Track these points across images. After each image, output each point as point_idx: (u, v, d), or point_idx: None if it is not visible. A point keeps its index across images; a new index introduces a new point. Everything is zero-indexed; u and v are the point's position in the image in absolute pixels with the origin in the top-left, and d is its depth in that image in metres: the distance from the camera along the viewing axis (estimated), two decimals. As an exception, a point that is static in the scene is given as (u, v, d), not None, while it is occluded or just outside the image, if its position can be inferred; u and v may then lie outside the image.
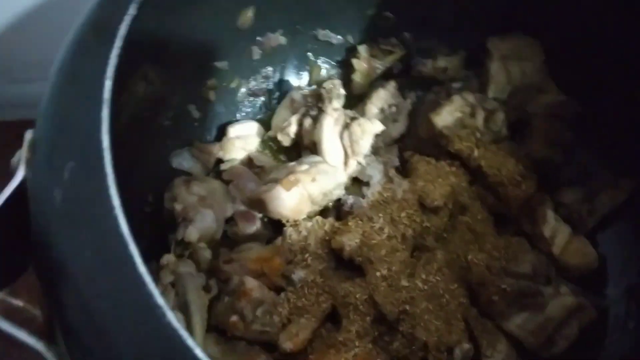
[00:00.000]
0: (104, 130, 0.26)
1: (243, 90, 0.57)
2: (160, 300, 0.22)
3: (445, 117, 0.50)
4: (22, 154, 0.29)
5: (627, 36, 0.48)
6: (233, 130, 0.54)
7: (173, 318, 0.22)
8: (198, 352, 0.21)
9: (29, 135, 0.30)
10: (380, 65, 0.58)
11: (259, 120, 0.57)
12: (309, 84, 0.59)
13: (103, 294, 0.23)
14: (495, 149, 0.49)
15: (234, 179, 0.52)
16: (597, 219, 0.51)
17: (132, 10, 0.29)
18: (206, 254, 0.48)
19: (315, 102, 0.53)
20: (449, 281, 0.46)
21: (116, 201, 0.24)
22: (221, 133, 0.55)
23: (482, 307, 0.47)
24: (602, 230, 0.51)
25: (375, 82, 0.58)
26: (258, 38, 0.54)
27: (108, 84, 0.27)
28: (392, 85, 0.55)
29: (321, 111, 0.52)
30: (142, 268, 0.23)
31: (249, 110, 0.58)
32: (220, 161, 0.54)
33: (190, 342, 0.21)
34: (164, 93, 0.47)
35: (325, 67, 0.59)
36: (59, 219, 0.25)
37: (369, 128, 0.50)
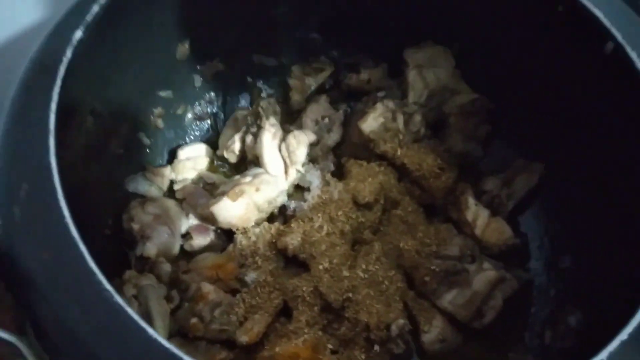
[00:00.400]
0: (51, 154, 0.31)
1: (189, 115, 0.61)
2: (108, 285, 0.27)
3: (371, 123, 0.56)
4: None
5: (526, 37, 0.55)
6: (183, 153, 0.59)
7: (120, 299, 0.27)
8: (141, 323, 0.26)
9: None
10: (313, 82, 0.63)
11: (206, 142, 0.62)
12: (251, 104, 0.64)
13: (60, 288, 0.27)
14: (416, 147, 0.55)
15: (187, 197, 0.57)
16: (516, 202, 0.57)
17: (68, 54, 0.34)
18: (166, 267, 0.52)
19: (255, 119, 0.58)
20: (387, 269, 0.52)
21: (65, 211, 0.29)
22: (172, 156, 0.60)
23: (418, 289, 0.52)
24: (521, 212, 0.57)
25: (310, 97, 0.64)
26: (198, 67, 0.59)
27: (52, 117, 0.32)
28: (323, 99, 0.61)
29: (260, 127, 0.57)
30: (91, 263, 0.27)
31: (197, 133, 0.63)
32: (173, 182, 0.59)
33: (134, 315, 0.26)
34: (113, 123, 0.52)
35: (264, 88, 0.65)
36: (19, 232, 0.29)
37: (303, 139, 0.56)
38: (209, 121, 0.63)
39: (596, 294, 0.49)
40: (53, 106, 0.32)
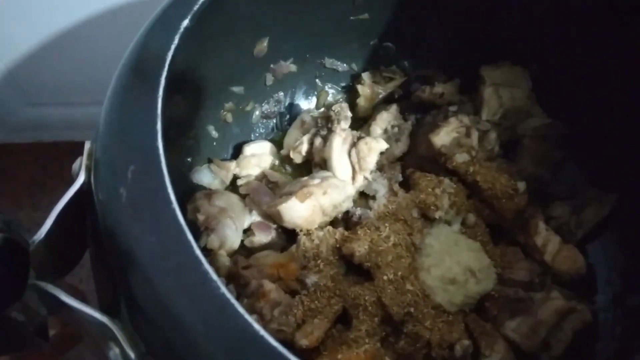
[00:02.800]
0: (159, 139, 0.31)
1: (257, 113, 0.62)
2: (214, 276, 0.26)
3: (443, 136, 0.55)
4: (83, 161, 0.34)
5: (605, 64, 0.54)
6: (249, 149, 0.59)
7: (226, 290, 0.26)
8: (247, 317, 0.25)
9: (87, 145, 0.34)
10: (382, 91, 0.63)
11: (270, 140, 0.62)
12: (317, 107, 0.64)
13: (165, 272, 0.27)
14: (490, 166, 0.54)
15: (251, 193, 0.57)
16: (585, 231, 0.55)
17: (176, 41, 0.34)
18: (225, 260, 0.52)
19: (325, 123, 0.58)
20: (449, 286, 0.51)
21: (172, 196, 0.29)
22: (237, 151, 0.60)
23: (479, 312, 0.51)
24: (590, 241, 0.56)
25: (378, 105, 0.63)
26: (271, 65, 0.59)
27: (160, 102, 0.32)
28: (394, 108, 0.61)
29: (331, 131, 0.57)
30: (197, 251, 0.27)
31: (262, 131, 0.63)
32: (236, 177, 0.59)
33: (240, 308, 0.26)
34: (188, 115, 0.52)
35: (331, 92, 0.65)
36: (125, 212, 0.29)
37: (375, 146, 0.55)
38: (274, 120, 0.63)
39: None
40: (161, 91, 0.32)
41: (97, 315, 0.29)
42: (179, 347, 0.27)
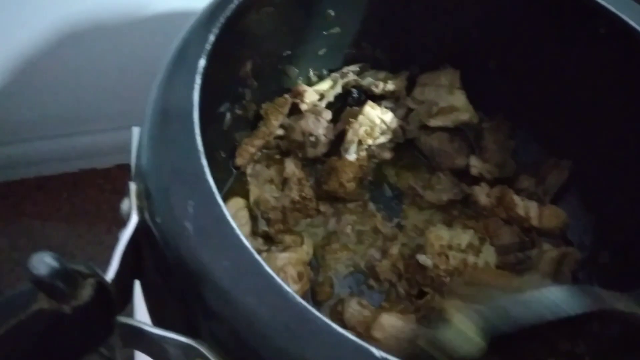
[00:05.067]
0: (207, 173, 0.35)
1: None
2: (289, 289, 0.31)
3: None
4: (132, 202, 0.37)
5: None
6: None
7: (302, 300, 0.31)
8: (324, 319, 0.30)
9: (133, 187, 0.38)
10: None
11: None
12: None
13: (244, 291, 0.31)
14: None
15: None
16: (551, 196, 0.63)
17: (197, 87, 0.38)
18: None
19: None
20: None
21: (234, 224, 0.33)
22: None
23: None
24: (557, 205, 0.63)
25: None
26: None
27: (199, 140, 0.36)
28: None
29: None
30: (269, 269, 0.31)
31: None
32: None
33: (316, 312, 0.30)
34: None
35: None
36: (195, 243, 0.33)
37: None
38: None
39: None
40: (197, 129, 0.36)
41: (183, 338, 0.33)
42: (264, 354, 0.31)
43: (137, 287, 0.43)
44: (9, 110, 0.91)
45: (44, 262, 0.28)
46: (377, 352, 0.29)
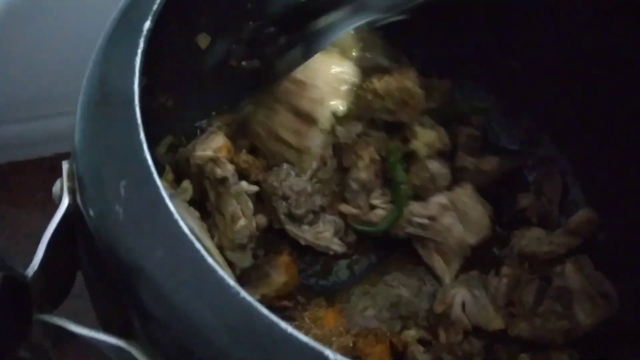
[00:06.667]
0: (145, 150, 0.30)
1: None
2: (232, 281, 0.26)
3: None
4: (64, 183, 0.32)
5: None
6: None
7: (246, 294, 0.26)
8: (272, 317, 0.26)
9: (65, 166, 0.33)
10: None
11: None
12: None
13: (180, 285, 0.27)
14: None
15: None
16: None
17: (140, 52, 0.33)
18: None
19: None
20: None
21: (172, 208, 0.28)
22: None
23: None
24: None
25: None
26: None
27: (138, 113, 0.31)
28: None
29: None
30: (210, 259, 0.27)
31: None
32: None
33: (263, 309, 0.26)
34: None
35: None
36: (125, 230, 0.28)
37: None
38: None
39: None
40: (137, 101, 0.31)
41: (112, 340, 0.29)
42: (203, 357, 0.26)
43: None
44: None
45: None
46: (331, 354, 0.25)
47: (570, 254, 0.51)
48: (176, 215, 0.28)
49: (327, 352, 0.25)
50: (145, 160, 0.30)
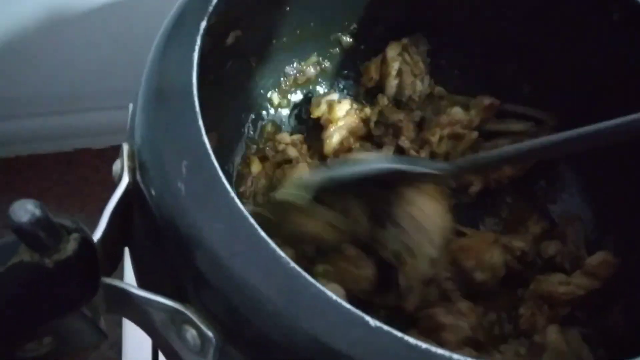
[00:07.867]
0: (203, 134, 0.34)
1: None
2: (282, 254, 0.30)
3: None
4: (125, 163, 0.36)
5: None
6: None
7: (295, 265, 0.29)
8: (318, 285, 0.29)
9: (126, 147, 0.36)
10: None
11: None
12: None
13: (236, 254, 0.30)
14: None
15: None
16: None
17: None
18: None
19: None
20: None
21: (228, 187, 0.32)
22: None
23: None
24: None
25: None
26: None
27: (196, 101, 0.35)
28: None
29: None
30: (262, 233, 0.30)
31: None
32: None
33: (310, 278, 0.29)
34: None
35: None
36: (187, 204, 0.32)
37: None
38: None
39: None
40: (195, 98, 0.35)
41: (170, 302, 0.32)
42: (255, 320, 0.29)
43: (127, 257, 0.41)
44: (3, 87, 0.90)
45: (25, 209, 0.26)
46: (372, 321, 0.28)
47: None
48: (232, 194, 0.31)
49: (369, 319, 0.28)
50: (204, 143, 0.33)
